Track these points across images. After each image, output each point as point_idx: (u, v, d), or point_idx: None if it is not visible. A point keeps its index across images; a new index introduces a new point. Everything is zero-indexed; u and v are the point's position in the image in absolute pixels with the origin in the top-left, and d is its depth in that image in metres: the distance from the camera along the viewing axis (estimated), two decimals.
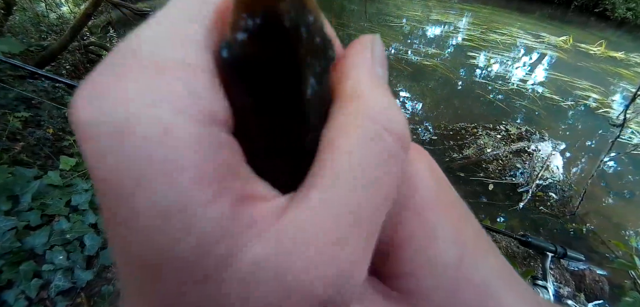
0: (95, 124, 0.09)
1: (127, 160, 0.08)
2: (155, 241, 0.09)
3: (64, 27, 3.76)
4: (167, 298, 0.09)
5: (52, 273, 1.22)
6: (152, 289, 0.09)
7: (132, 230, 0.09)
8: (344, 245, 0.09)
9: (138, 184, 0.08)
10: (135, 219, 0.09)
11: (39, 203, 1.41)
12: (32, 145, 2.16)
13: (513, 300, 0.16)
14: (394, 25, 6.45)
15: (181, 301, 0.09)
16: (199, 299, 0.09)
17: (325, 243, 0.09)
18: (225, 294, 0.09)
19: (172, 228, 0.09)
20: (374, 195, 0.10)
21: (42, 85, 2.76)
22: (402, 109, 2.42)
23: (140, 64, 0.09)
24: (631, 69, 5.45)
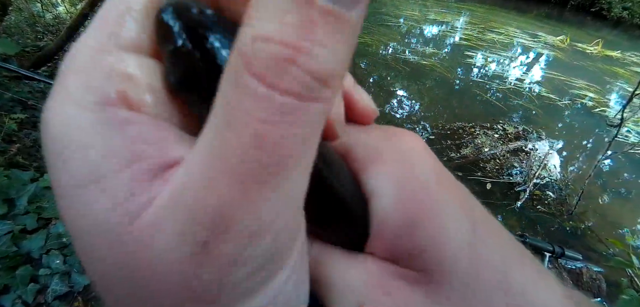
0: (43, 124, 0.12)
1: (52, 146, 0.11)
2: (76, 206, 0.11)
3: (61, 27, 3.74)
4: (88, 257, 0.11)
5: (49, 277, 1.21)
6: (79, 248, 0.11)
7: (62, 197, 0.11)
8: (212, 190, 0.10)
9: (62, 162, 0.11)
10: (62, 189, 0.11)
11: (35, 206, 1.40)
12: (28, 147, 2.15)
13: (528, 277, 0.17)
14: (391, 25, 6.45)
15: (98, 257, 0.11)
16: (111, 255, 0.11)
17: (197, 190, 0.10)
18: (131, 250, 0.10)
19: (88, 194, 0.11)
20: (239, 137, 0.10)
21: (38, 87, 2.74)
22: (400, 109, 2.44)
23: (62, 73, 0.12)
24: (627, 68, 5.48)
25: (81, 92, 0.11)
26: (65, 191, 0.11)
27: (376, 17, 6.83)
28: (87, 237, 0.11)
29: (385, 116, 3.63)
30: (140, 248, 0.10)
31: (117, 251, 0.11)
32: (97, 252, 0.11)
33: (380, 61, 4.85)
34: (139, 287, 0.11)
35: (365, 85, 4.27)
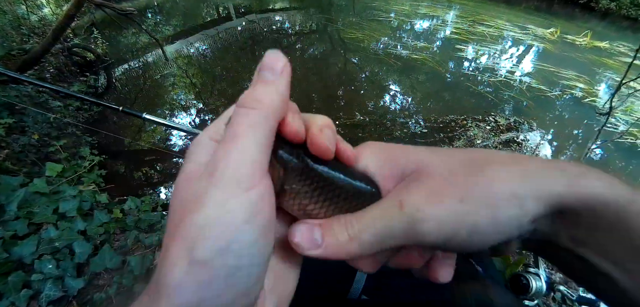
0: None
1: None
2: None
3: (46, 29, 3.67)
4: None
5: (42, 283, 1.19)
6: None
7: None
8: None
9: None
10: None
11: (25, 211, 1.37)
12: (16, 152, 2.11)
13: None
14: (382, 20, 6.46)
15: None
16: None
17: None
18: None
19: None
20: None
21: (25, 90, 2.69)
22: (393, 103, 2.44)
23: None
24: (615, 58, 5.56)
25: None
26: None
27: (367, 12, 6.83)
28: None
29: (379, 110, 3.64)
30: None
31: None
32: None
33: (372, 56, 4.86)
34: None
35: (357, 81, 4.27)
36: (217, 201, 0.19)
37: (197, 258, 0.18)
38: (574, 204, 0.23)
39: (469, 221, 0.22)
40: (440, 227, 0.23)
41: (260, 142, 0.20)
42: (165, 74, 4.10)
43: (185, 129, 0.94)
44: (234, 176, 0.19)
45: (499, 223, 0.23)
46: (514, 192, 0.23)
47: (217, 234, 0.19)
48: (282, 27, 6.17)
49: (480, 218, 0.22)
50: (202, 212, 0.19)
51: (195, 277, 0.18)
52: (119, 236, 1.56)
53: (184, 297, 0.18)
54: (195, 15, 6.82)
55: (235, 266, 0.19)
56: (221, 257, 0.19)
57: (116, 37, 4.85)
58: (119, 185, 2.26)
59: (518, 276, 1.36)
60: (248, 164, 0.20)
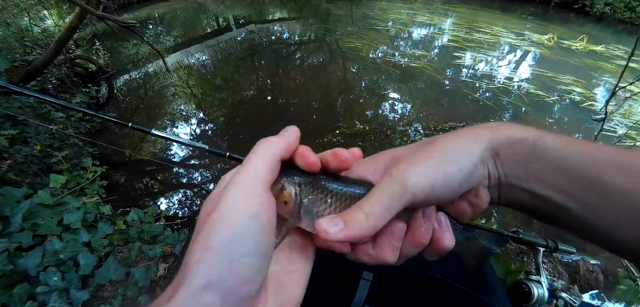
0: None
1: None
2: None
3: (49, 41, 3.70)
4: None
5: (47, 295, 1.19)
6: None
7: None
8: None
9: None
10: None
11: (30, 223, 1.38)
12: (19, 163, 2.12)
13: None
14: (380, 29, 6.51)
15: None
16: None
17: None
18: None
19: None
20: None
21: (28, 102, 2.71)
22: (392, 112, 2.45)
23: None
24: (612, 61, 5.60)
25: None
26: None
27: (365, 22, 6.89)
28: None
29: (378, 118, 3.66)
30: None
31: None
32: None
33: (371, 65, 4.89)
34: None
35: (356, 90, 4.30)
36: (229, 202, 0.26)
37: (209, 245, 0.25)
38: (500, 144, 0.33)
39: (439, 171, 0.31)
40: (421, 178, 0.31)
41: (265, 167, 0.29)
42: (166, 84, 4.13)
43: (192, 144, 0.95)
44: (244, 186, 0.27)
45: (460, 168, 0.32)
46: (461, 144, 0.33)
47: (227, 226, 0.25)
48: (281, 37, 6.22)
49: (446, 167, 0.32)
50: (218, 210, 0.26)
51: (206, 261, 0.24)
52: (123, 247, 1.57)
53: (198, 277, 0.24)
54: (196, 26, 6.88)
55: (238, 253, 0.25)
56: (228, 244, 0.25)
57: (118, 48, 4.89)
58: (121, 196, 2.27)
59: (519, 283, 1.36)
60: (254, 180, 0.28)
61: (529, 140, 0.32)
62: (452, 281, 0.58)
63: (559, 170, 0.31)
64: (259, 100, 3.87)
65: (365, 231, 0.30)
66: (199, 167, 2.85)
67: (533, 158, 0.32)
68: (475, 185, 0.34)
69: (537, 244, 1.34)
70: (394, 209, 0.31)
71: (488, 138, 0.33)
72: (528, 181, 0.33)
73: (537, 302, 1.34)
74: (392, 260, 0.34)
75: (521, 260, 1.88)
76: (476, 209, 0.36)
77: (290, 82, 4.46)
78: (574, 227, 0.32)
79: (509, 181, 0.34)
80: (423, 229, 0.34)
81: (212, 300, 0.24)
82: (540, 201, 0.33)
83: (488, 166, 0.34)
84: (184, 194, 2.57)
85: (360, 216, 0.30)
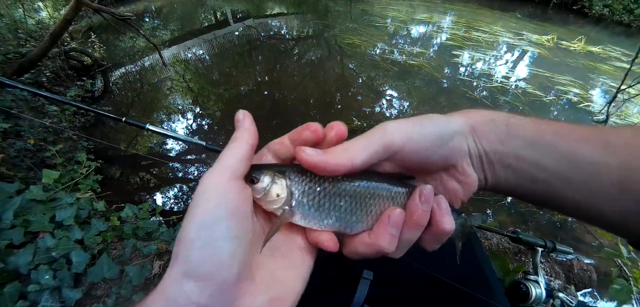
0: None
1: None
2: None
3: (44, 33, 3.65)
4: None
5: (39, 293, 1.16)
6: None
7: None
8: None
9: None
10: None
11: (21, 220, 1.35)
12: (12, 157, 2.08)
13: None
14: (378, 26, 6.48)
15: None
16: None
17: None
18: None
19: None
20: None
21: (21, 94, 2.67)
22: (390, 108, 2.46)
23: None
24: (608, 63, 5.62)
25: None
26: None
27: (364, 19, 6.86)
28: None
29: (376, 115, 3.65)
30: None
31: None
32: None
33: (369, 62, 4.87)
34: None
35: (354, 86, 4.28)
36: (199, 192, 0.28)
37: (184, 235, 0.27)
38: (475, 122, 0.36)
39: (416, 123, 0.34)
40: (399, 126, 0.33)
41: (235, 157, 0.30)
42: (162, 78, 4.09)
43: (187, 139, 0.93)
44: (214, 175, 0.29)
45: (436, 124, 0.34)
46: (437, 115, 0.35)
47: (197, 213, 0.27)
48: (279, 33, 6.18)
49: (423, 121, 0.34)
50: (191, 202, 0.28)
51: (183, 250, 0.26)
52: (117, 244, 1.55)
53: (176, 266, 0.26)
54: (193, 20, 6.82)
55: (209, 238, 0.26)
56: (199, 231, 0.26)
57: (113, 41, 4.83)
58: (115, 191, 2.24)
59: (517, 283, 1.36)
60: (224, 169, 0.29)
61: (502, 119, 0.36)
62: (451, 281, 0.58)
63: (532, 145, 0.34)
64: (256, 97, 3.84)
65: (341, 160, 0.31)
66: (195, 162, 2.82)
67: (507, 135, 0.35)
68: (456, 157, 0.36)
69: (535, 244, 1.34)
70: (373, 149, 0.32)
71: (465, 117, 0.36)
72: (507, 157, 0.35)
73: (535, 302, 1.34)
74: (389, 248, 0.33)
75: (519, 260, 1.88)
76: (466, 188, 0.38)
77: (288, 78, 4.44)
78: (556, 202, 0.34)
79: (490, 158, 0.36)
80: (420, 209, 0.34)
81: (190, 287, 0.25)
82: (521, 177, 0.35)
83: (467, 141, 0.36)
84: (180, 189, 2.54)
85: (340, 148, 0.32)
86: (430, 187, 0.34)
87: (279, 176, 0.33)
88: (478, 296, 0.58)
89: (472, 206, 2.53)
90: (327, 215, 0.33)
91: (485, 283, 0.62)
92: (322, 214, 0.33)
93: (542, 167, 0.33)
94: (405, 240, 0.35)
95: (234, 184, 0.29)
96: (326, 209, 0.33)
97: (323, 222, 0.34)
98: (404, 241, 0.35)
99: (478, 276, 0.64)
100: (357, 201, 0.34)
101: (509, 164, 0.35)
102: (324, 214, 0.33)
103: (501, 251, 1.90)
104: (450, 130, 0.35)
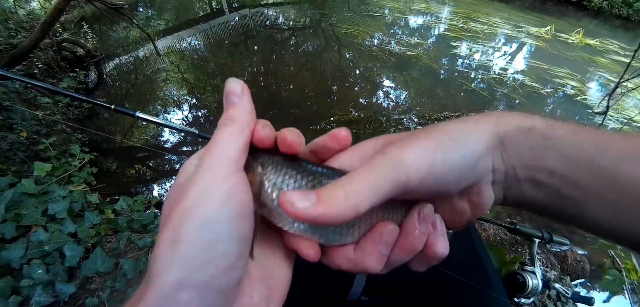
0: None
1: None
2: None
3: (35, 23, 3.58)
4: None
5: (32, 288, 1.15)
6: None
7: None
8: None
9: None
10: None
11: (13, 213, 1.33)
12: (4, 150, 2.05)
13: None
14: (376, 16, 6.44)
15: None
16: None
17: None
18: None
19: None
20: None
21: (13, 87, 2.62)
22: (387, 99, 2.45)
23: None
24: (606, 56, 5.63)
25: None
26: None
27: (361, 8, 6.80)
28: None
29: (373, 106, 3.63)
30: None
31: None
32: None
33: (366, 52, 4.84)
34: None
35: (351, 77, 4.26)
36: (199, 188, 0.23)
37: (179, 237, 0.22)
38: (507, 132, 0.29)
39: (438, 152, 0.27)
40: (418, 157, 0.26)
41: (236, 146, 0.26)
42: (157, 69, 4.04)
43: (179, 127, 0.91)
44: (214, 169, 0.24)
45: (463, 154, 0.28)
46: (464, 128, 0.29)
47: (198, 213, 0.22)
48: (275, 22, 6.11)
49: (447, 150, 0.27)
50: (187, 198, 0.23)
51: (177, 255, 0.22)
52: (111, 237, 1.53)
53: (169, 275, 0.21)
54: (188, 9, 6.72)
55: (213, 240, 0.22)
56: (201, 232, 0.22)
57: (106, 31, 4.75)
58: (110, 184, 2.22)
59: (514, 274, 1.37)
60: (226, 161, 0.25)
61: (538, 129, 0.29)
62: (450, 272, 0.58)
63: (570, 160, 0.28)
64: (252, 87, 3.74)
65: (342, 210, 0.24)
66: (191, 154, 2.80)
67: (544, 149, 0.29)
68: (478, 179, 0.30)
69: (532, 235, 1.34)
70: (382, 190, 0.25)
71: (494, 126, 0.30)
72: (539, 174, 0.29)
73: (532, 292, 1.35)
74: (375, 268, 0.29)
75: (516, 251, 1.89)
76: (477, 210, 0.32)
77: (285, 69, 4.40)
78: (586, 223, 0.30)
79: (516, 174, 0.30)
80: (418, 232, 0.29)
81: (188, 297, 0.22)
82: (549, 195, 0.30)
83: (493, 157, 0.30)
84: (175, 181, 2.52)
85: (339, 192, 0.24)
86: (431, 206, 0.30)
87: (253, 161, 0.28)
88: (477, 286, 0.58)
89: None
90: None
91: (483, 273, 0.62)
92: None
93: (577, 185, 0.28)
94: (394, 261, 0.31)
95: (238, 178, 0.25)
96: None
97: (293, 225, 0.28)
98: (393, 262, 0.31)
99: (476, 266, 0.64)
100: None
101: (539, 181, 0.30)
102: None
103: (498, 242, 1.91)
104: (477, 153, 0.29)
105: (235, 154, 0.26)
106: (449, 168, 0.27)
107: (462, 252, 0.67)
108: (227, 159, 0.25)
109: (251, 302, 0.27)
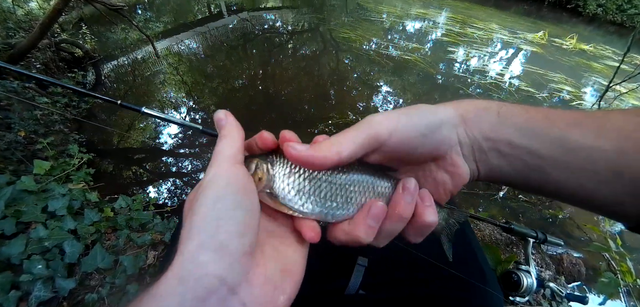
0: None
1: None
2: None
3: (33, 24, 3.58)
4: None
5: (31, 284, 1.15)
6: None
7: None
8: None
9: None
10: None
11: (13, 210, 1.33)
12: (2, 149, 2.05)
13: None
14: (374, 20, 6.48)
15: None
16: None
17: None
18: None
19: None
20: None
21: (11, 86, 2.62)
22: (385, 104, 2.46)
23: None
24: (600, 61, 5.69)
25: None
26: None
27: (359, 13, 6.85)
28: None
29: (371, 110, 3.65)
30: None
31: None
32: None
33: (364, 57, 4.87)
34: None
35: (348, 81, 4.28)
36: (208, 177, 0.31)
37: (197, 210, 0.28)
38: (466, 111, 0.36)
39: (403, 115, 0.34)
40: (387, 119, 0.34)
41: (232, 148, 0.33)
42: (155, 71, 4.04)
43: (184, 123, 0.93)
44: (218, 164, 0.32)
45: (424, 115, 0.35)
46: (427, 106, 0.36)
47: (208, 193, 0.29)
48: (274, 26, 6.14)
49: (410, 112, 0.35)
50: (201, 187, 0.30)
51: (195, 224, 0.27)
52: (110, 235, 1.53)
53: (191, 242, 0.27)
54: (187, 12, 6.73)
55: (222, 209, 0.28)
56: (214, 204, 0.28)
57: (105, 33, 4.76)
58: (108, 183, 2.22)
59: (509, 273, 1.39)
60: (226, 158, 0.32)
61: (493, 109, 0.36)
62: (446, 267, 0.59)
63: (524, 131, 0.34)
64: (250, 90, 3.81)
65: (327, 153, 0.32)
66: (189, 156, 2.80)
67: (499, 123, 0.35)
68: (444, 147, 0.36)
69: (527, 235, 1.36)
70: (359, 141, 0.33)
71: (455, 108, 0.37)
72: (499, 144, 0.35)
73: (526, 291, 1.36)
74: (365, 238, 0.34)
75: (511, 251, 1.91)
76: (456, 180, 0.38)
77: (283, 72, 4.41)
78: (550, 189, 0.35)
79: (482, 147, 0.36)
80: (403, 202, 0.35)
81: (207, 258, 0.26)
82: (514, 165, 0.35)
83: (457, 131, 0.36)
84: (173, 183, 2.53)
85: (327, 142, 0.33)
86: (414, 180, 0.36)
87: (262, 162, 0.35)
88: (472, 281, 0.58)
89: (465, 203, 2.56)
90: (307, 200, 0.34)
91: (478, 270, 0.63)
92: (301, 199, 0.34)
93: (536, 153, 0.33)
94: (388, 231, 0.36)
95: (237, 168, 0.32)
96: (306, 194, 0.34)
97: (303, 207, 0.34)
98: (386, 231, 0.36)
99: (472, 263, 0.65)
100: (337, 187, 0.35)
101: (502, 152, 0.35)
102: (304, 198, 0.34)
103: (493, 242, 1.93)
104: (437, 120, 0.35)
105: (232, 152, 0.33)
106: (412, 126, 0.34)
107: (458, 249, 0.68)
108: (227, 157, 0.32)
109: (266, 271, 0.31)
